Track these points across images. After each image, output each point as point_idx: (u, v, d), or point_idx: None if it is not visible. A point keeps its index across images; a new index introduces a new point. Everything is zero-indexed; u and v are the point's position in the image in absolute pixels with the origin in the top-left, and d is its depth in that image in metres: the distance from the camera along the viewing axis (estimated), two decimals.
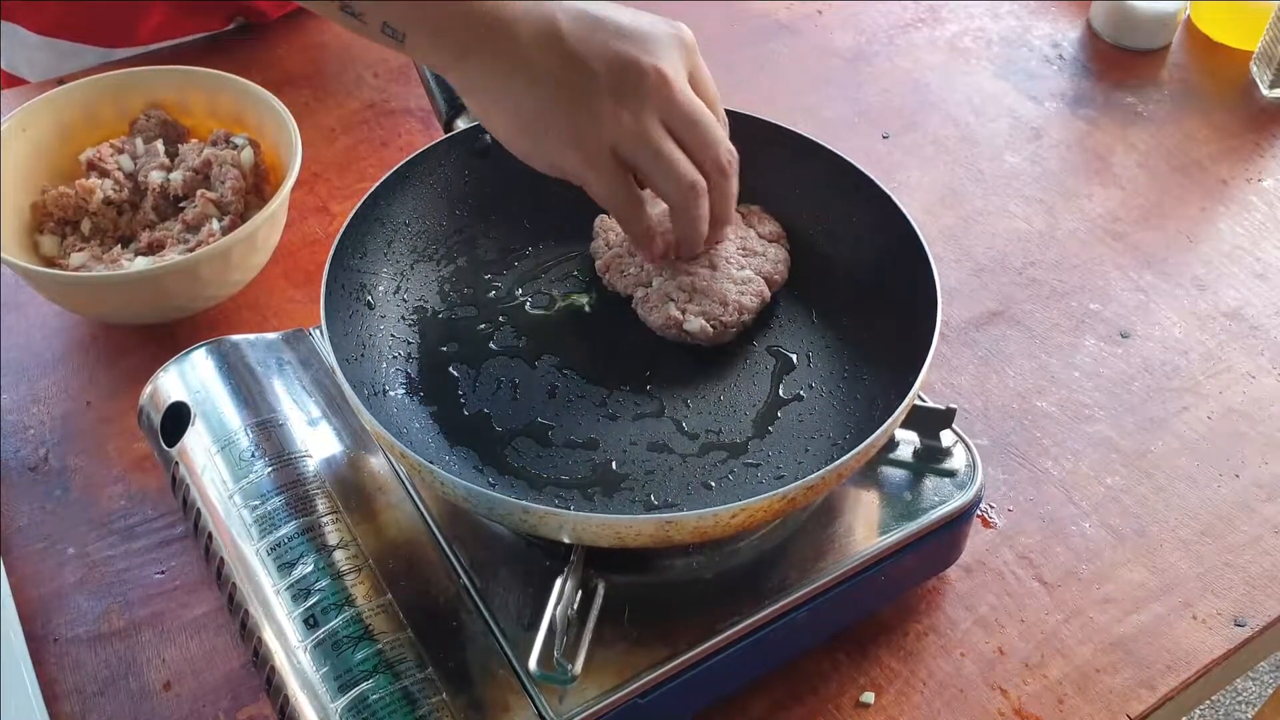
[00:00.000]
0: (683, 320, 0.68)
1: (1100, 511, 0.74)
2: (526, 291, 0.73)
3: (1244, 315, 0.87)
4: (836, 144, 0.71)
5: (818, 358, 0.69)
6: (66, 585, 0.69)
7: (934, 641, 0.67)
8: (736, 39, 1.11)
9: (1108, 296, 0.88)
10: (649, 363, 0.69)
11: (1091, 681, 0.65)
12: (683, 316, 0.69)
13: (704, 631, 0.58)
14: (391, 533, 0.62)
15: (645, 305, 0.70)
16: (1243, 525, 0.73)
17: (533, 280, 0.74)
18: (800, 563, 0.61)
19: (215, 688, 0.64)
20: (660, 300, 0.70)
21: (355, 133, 0.99)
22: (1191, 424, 0.79)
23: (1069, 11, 1.15)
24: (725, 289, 0.69)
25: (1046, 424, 0.79)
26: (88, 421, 0.77)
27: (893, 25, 1.14)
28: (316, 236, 0.90)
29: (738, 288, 0.70)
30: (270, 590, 0.59)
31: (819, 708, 0.64)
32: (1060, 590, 0.69)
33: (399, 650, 0.56)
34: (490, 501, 0.55)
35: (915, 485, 0.65)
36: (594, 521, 0.53)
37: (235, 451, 0.64)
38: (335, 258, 0.65)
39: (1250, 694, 1.64)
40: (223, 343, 0.70)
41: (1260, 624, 0.68)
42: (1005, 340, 0.84)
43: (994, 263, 0.90)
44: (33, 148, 0.84)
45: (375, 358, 0.67)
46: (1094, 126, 1.03)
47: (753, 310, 0.70)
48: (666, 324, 0.69)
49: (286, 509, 0.61)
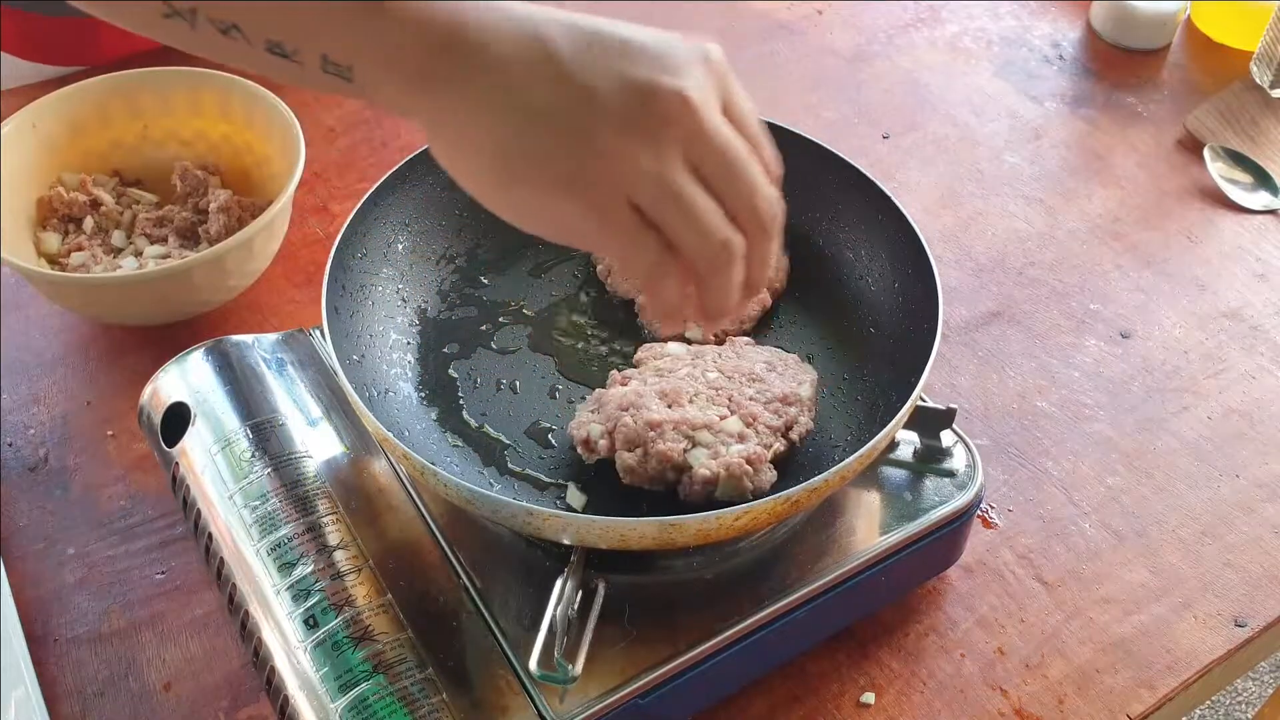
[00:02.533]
0: (684, 329, 0.69)
1: (1100, 511, 0.74)
2: (527, 292, 0.73)
3: (1244, 315, 0.87)
4: (836, 144, 0.71)
5: (818, 359, 0.69)
6: (66, 585, 0.69)
7: (934, 641, 0.67)
8: (736, 39, 1.11)
9: (1108, 296, 0.88)
10: None
11: (1091, 681, 0.65)
12: (684, 325, 0.69)
13: (704, 631, 0.58)
14: (392, 533, 0.62)
15: (646, 310, 0.70)
16: (1243, 525, 0.73)
17: (533, 281, 0.74)
18: (800, 563, 0.61)
19: (215, 688, 0.64)
20: None
21: (355, 133, 0.99)
22: (1191, 424, 0.79)
23: (1069, 11, 1.15)
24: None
25: (1046, 424, 0.79)
26: (88, 421, 0.77)
27: (893, 25, 1.14)
28: (316, 237, 0.90)
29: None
30: (270, 590, 0.59)
31: (819, 708, 0.64)
32: (1060, 590, 0.69)
33: (399, 650, 0.56)
34: (494, 504, 0.55)
35: (916, 485, 0.65)
36: (597, 524, 0.53)
37: (235, 452, 0.64)
38: (335, 258, 0.65)
39: (1250, 694, 1.64)
40: (223, 343, 0.70)
41: (1260, 624, 0.68)
42: (1005, 340, 0.84)
43: (994, 263, 0.90)
44: (44, 143, 0.84)
45: (376, 359, 0.67)
46: (1094, 126, 1.03)
47: (754, 318, 0.70)
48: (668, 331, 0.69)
49: (287, 509, 0.61)
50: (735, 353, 0.66)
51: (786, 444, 0.62)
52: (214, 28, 0.45)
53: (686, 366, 0.64)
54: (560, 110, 0.45)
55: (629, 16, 0.48)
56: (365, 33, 0.45)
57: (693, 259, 0.48)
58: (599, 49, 0.46)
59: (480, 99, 0.46)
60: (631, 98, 0.46)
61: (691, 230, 0.47)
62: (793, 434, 0.62)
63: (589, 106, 0.45)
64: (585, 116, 0.45)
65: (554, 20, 0.46)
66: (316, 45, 0.45)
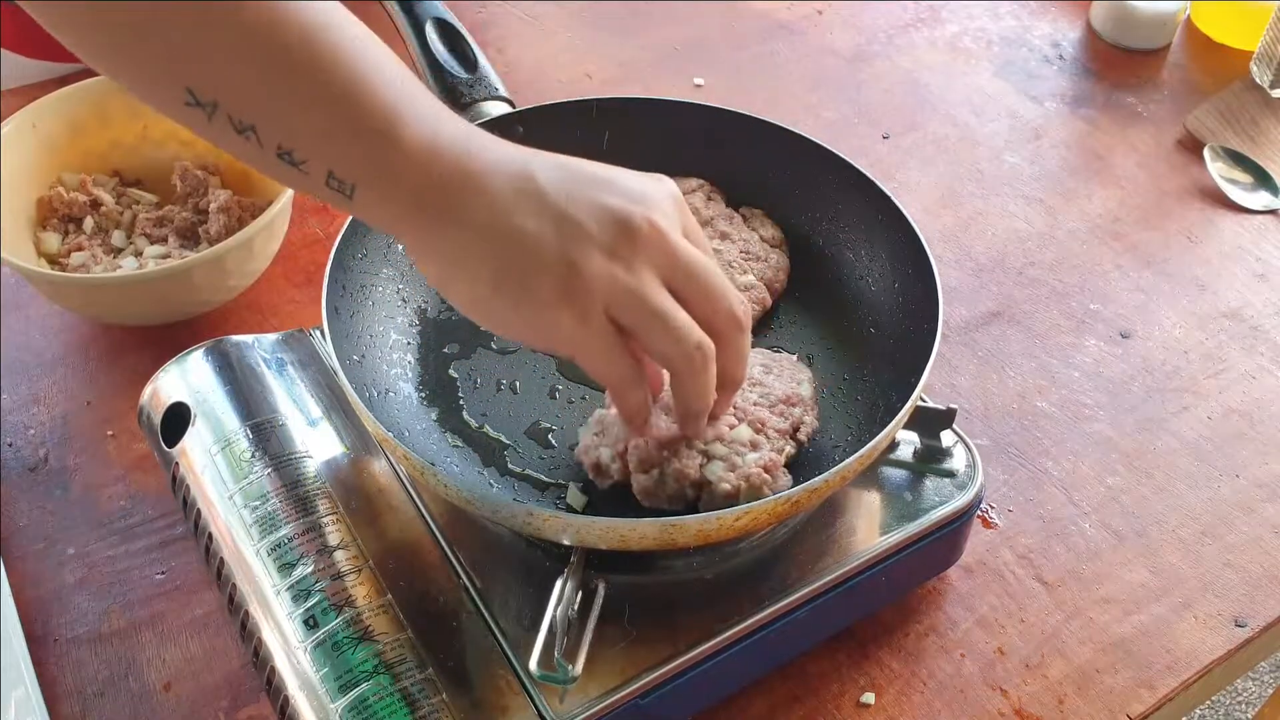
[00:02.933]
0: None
1: (1100, 511, 0.74)
2: None
3: (1244, 315, 0.87)
4: (836, 144, 0.71)
5: (818, 359, 0.69)
6: (66, 585, 0.69)
7: (934, 641, 0.67)
8: (736, 39, 1.11)
9: (1108, 296, 0.88)
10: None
11: (1091, 682, 0.65)
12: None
13: (704, 631, 0.58)
14: (392, 533, 0.62)
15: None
16: (1243, 525, 0.73)
17: None
18: (800, 563, 0.61)
19: (215, 688, 0.64)
20: None
21: None
22: (1191, 424, 0.79)
23: (1069, 11, 1.15)
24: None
25: (1046, 424, 0.79)
26: (88, 421, 0.77)
27: (893, 25, 1.14)
28: (316, 237, 0.90)
29: (741, 294, 0.69)
30: (270, 591, 0.59)
31: (819, 708, 0.64)
32: (1060, 590, 0.69)
33: (399, 651, 0.56)
34: (494, 505, 0.55)
35: (916, 485, 0.65)
36: (597, 525, 0.53)
37: (235, 452, 0.64)
38: (335, 258, 0.65)
39: (1250, 694, 1.64)
40: (223, 343, 0.70)
41: (1260, 624, 0.68)
42: (1005, 340, 0.84)
43: (994, 263, 0.90)
44: (43, 143, 0.84)
45: (376, 359, 0.67)
46: (1094, 126, 1.03)
47: (755, 318, 0.70)
48: None
49: (287, 509, 0.61)
50: None
51: (796, 445, 0.62)
52: (230, 125, 0.47)
53: None
54: (548, 236, 0.50)
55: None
56: (375, 159, 0.49)
57: (670, 362, 0.53)
58: (583, 184, 0.52)
59: (477, 228, 0.50)
60: (610, 225, 0.51)
61: (670, 338, 0.52)
62: (800, 435, 0.62)
63: (577, 233, 0.50)
64: (570, 241, 0.50)
65: (539, 156, 0.52)
66: (325, 161, 0.48)
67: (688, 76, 1.06)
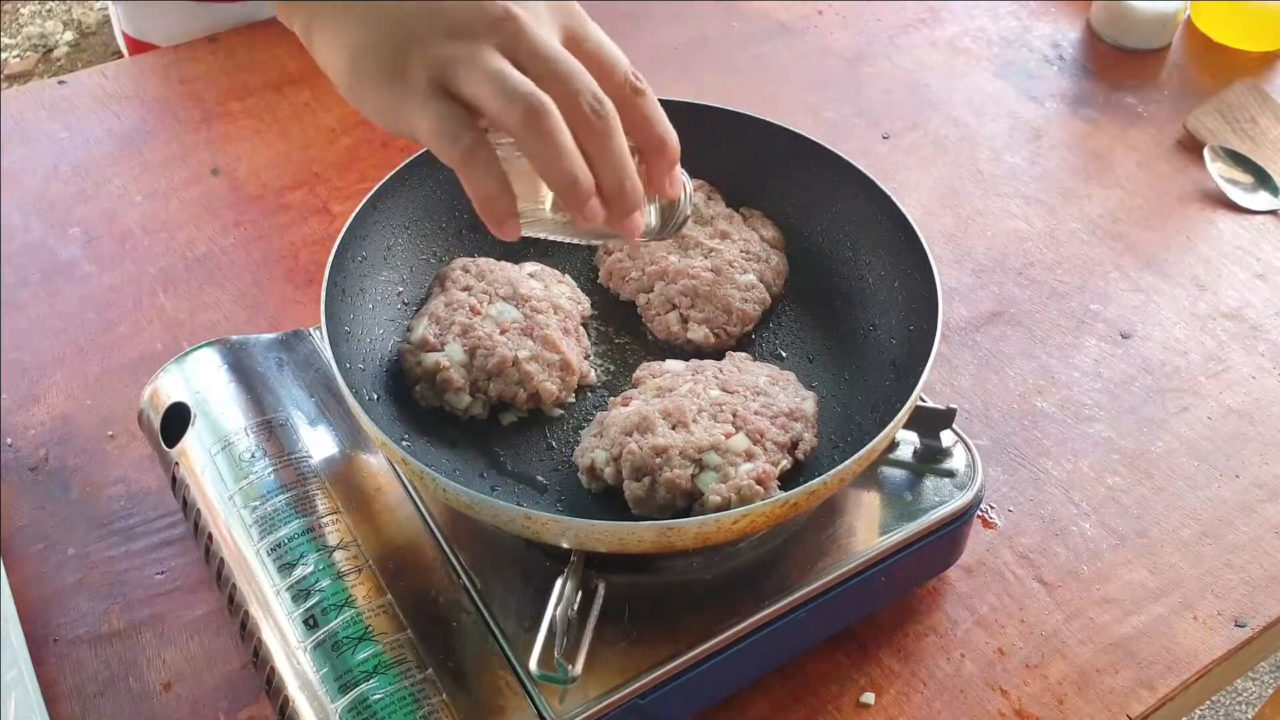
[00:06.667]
0: (686, 331, 0.69)
1: (1100, 511, 0.74)
2: None
3: (1244, 315, 0.87)
4: (836, 144, 0.71)
5: (818, 359, 0.69)
6: (66, 585, 0.69)
7: (934, 642, 0.67)
8: (736, 39, 1.11)
9: (1108, 296, 0.88)
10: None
11: (1091, 682, 0.65)
12: (685, 328, 0.69)
13: (704, 631, 0.58)
14: (392, 533, 0.62)
15: (649, 312, 0.70)
16: (1243, 525, 0.73)
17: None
18: (800, 563, 0.61)
19: (215, 688, 0.64)
20: (663, 307, 0.70)
21: (355, 133, 0.99)
22: (1191, 424, 0.79)
23: (1069, 11, 1.15)
24: (729, 295, 0.69)
25: (1046, 424, 0.79)
26: (88, 421, 0.77)
27: (893, 26, 1.14)
28: (317, 237, 0.90)
29: (741, 294, 0.69)
30: (270, 591, 0.59)
31: (819, 708, 0.64)
32: (1060, 590, 0.69)
33: (399, 651, 0.56)
34: (493, 509, 0.55)
35: (915, 486, 0.65)
36: (597, 528, 0.53)
37: (235, 452, 0.64)
38: (335, 261, 0.65)
39: (1250, 694, 1.64)
40: (223, 343, 0.70)
41: (1260, 624, 0.68)
42: (1005, 340, 0.84)
43: (994, 263, 0.90)
44: None
45: (376, 361, 0.67)
46: (1094, 126, 1.03)
47: (755, 318, 0.70)
48: (670, 335, 0.69)
49: (287, 509, 0.61)
50: (736, 367, 0.66)
51: (793, 461, 0.62)
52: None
53: (688, 384, 0.64)
54: (408, 16, 0.51)
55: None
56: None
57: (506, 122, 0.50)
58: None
59: (348, 7, 0.52)
60: (468, 11, 0.51)
61: (497, 92, 0.50)
62: (798, 452, 0.62)
63: (431, 14, 0.51)
64: (425, 20, 0.51)
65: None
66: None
67: (688, 76, 1.07)
